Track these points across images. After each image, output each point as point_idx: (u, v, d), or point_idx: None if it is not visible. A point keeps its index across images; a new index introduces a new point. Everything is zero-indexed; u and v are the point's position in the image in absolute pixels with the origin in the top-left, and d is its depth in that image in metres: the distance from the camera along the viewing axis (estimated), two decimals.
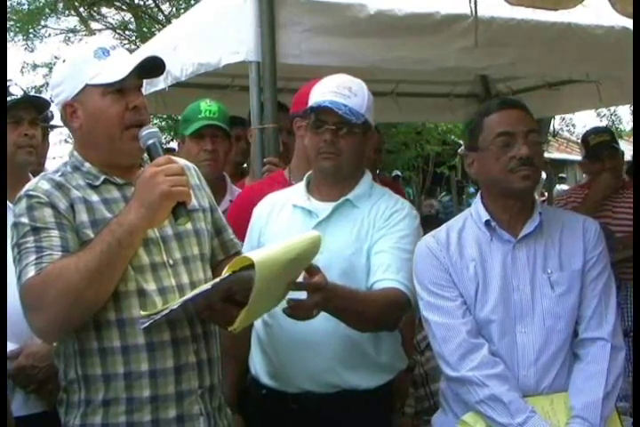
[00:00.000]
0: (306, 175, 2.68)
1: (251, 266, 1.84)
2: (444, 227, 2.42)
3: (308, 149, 2.59)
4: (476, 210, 2.38)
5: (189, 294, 1.93)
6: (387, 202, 2.56)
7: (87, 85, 2.06)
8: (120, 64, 2.05)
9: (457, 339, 2.25)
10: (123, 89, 2.06)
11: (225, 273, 1.89)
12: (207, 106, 3.48)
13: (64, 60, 2.15)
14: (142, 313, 1.97)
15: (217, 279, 1.89)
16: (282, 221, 2.58)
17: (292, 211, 2.59)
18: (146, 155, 2.10)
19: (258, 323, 2.55)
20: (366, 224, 2.51)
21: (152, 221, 1.97)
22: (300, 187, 2.66)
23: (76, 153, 2.15)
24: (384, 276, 2.40)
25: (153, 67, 2.14)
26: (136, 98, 2.08)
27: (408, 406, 3.55)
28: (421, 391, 3.62)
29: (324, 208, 2.54)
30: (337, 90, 2.49)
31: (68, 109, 2.11)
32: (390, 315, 2.39)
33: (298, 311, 2.06)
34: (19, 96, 2.76)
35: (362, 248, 2.48)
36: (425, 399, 3.61)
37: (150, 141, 2.03)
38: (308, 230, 2.46)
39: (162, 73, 2.20)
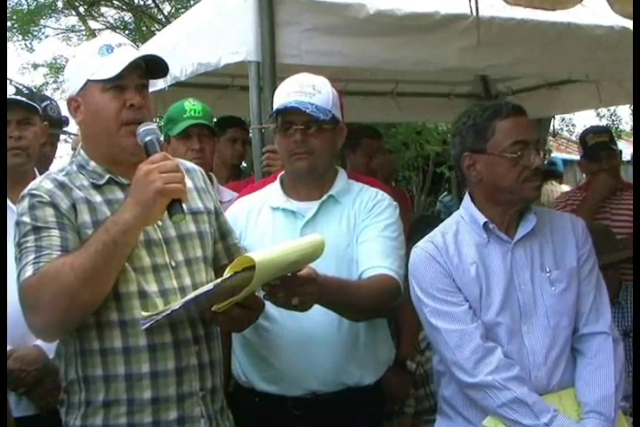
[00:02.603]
0: (278, 176, 2.67)
1: (252, 267, 1.83)
2: (437, 231, 2.40)
3: (280, 152, 2.58)
4: (470, 214, 2.36)
5: (191, 295, 1.92)
6: (368, 194, 2.58)
7: (89, 81, 2.07)
8: (119, 61, 2.05)
9: (471, 344, 2.23)
10: (122, 86, 2.06)
11: (227, 273, 1.88)
12: (191, 105, 3.47)
13: (74, 56, 2.18)
14: (143, 314, 1.96)
15: (218, 280, 1.88)
16: (264, 224, 2.56)
17: (272, 213, 2.57)
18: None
19: (247, 329, 2.51)
20: (353, 217, 2.52)
21: (147, 218, 1.96)
22: (274, 188, 2.64)
23: (82, 151, 2.16)
24: (373, 263, 2.42)
25: (156, 67, 2.13)
26: (134, 96, 2.07)
27: (408, 406, 3.56)
28: (421, 391, 3.62)
29: (308, 207, 2.53)
30: (300, 89, 2.48)
31: (73, 104, 2.13)
32: (383, 302, 2.40)
33: (275, 296, 2.03)
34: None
35: (352, 241, 2.49)
36: (425, 399, 3.62)
37: (148, 138, 2.02)
38: (296, 231, 2.47)
39: (166, 74, 2.19)
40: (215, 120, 4.59)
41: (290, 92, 2.49)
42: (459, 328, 2.25)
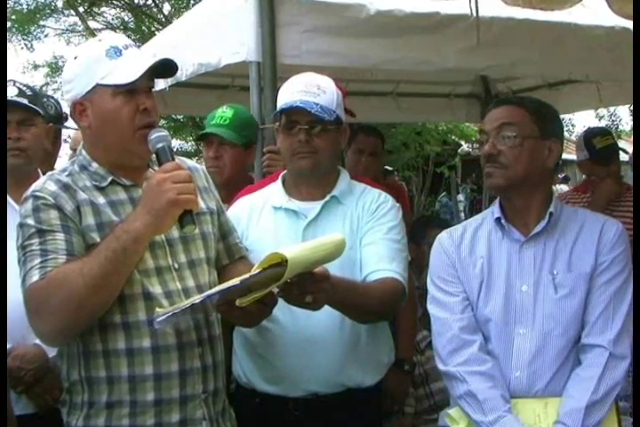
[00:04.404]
0: (280, 175, 2.67)
1: (279, 263, 1.82)
2: (462, 224, 2.46)
3: (283, 151, 2.57)
4: (494, 208, 2.38)
5: (214, 289, 1.90)
6: (371, 196, 2.57)
7: (98, 85, 2.04)
8: (132, 65, 2.02)
9: (448, 334, 2.29)
10: (133, 90, 2.04)
11: (255, 270, 1.86)
12: (222, 112, 3.42)
13: (75, 57, 2.11)
14: (158, 310, 1.94)
15: (246, 275, 1.85)
16: (266, 224, 2.55)
17: (274, 213, 2.56)
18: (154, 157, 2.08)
19: (248, 329, 2.49)
20: (356, 218, 2.51)
21: (158, 228, 1.95)
22: (276, 188, 2.63)
23: (84, 152, 2.14)
24: (378, 266, 2.41)
25: (165, 67, 2.11)
26: (146, 99, 2.05)
27: (408, 406, 3.56)
28: (421, 391, 3.62)
29: (310, 207, 2.53)
30: (306, 89, 2.47)
31: (78, 108, 2.09)
32: (389, 305, 2.41)
33: (290, 294, 2.01)
34: (8, 98, 2.73)
35: (356, 243, 2.48)
36: (425, 399, 3.62)
37: (159, 145, 2.01)
38: (298, 231, 2.47)
39: (174, 74, 2.16)
40: None
41: (295, 91, 2.48)
42: (444, 317, 2.31)
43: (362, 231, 2.49)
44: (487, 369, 2.23)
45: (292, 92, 2.49)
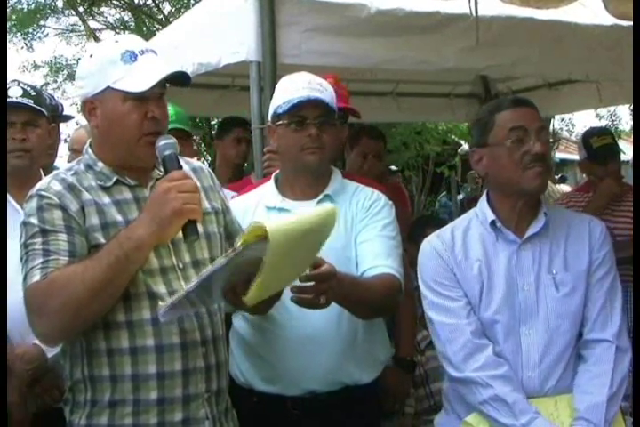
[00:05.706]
0: (273, 175, 2.66)
1: (265, 238, 1.74)
2: (448, 227, 2.43)
3: (288, 147, 2.54)
4: (482, 210, 2.37)
5: (204, 272, 1.83)
6: (364, 194, 2.58)
7: (109, 88, 2.04)
8: (145, 73, 2.02)
9: (461, 339, 2.25)
10: (144, 97, 2.04)
11: (239, 245, 1.78)
12: None
13: (91, 56, 2.10)
14: (161, 304, 1.92)
15: (230, 252, 1.79)
16: None
17: (267, 213, 2.56)
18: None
19: (245, 329, 2.51)
20: (350, 217, 2.52)
21: (161, 236, 1.96)
22: (268, 187, 2.63)
23: (90, 151, 2.15)
24: (375, 263, 2.42)
25: (178, 76, 2.10)
26: (156, 107, 2.06)
27: (408, 406, 3.56)
28: (421, 391, 3.62)
29: (304, 206, 2.52)
30: (310, 85, 2.48)
31: (88, 106, 2.10)
32: (389, 300, 2.41)
33: (304, 297, 2.00)
34: (14, 99, 2.72)
35: (350, 240, 2.48)
36: (425, 399, 3.62)
37: (167, 152, 2.02)
38: None
39: (187, 84, 2.15)
40: (220, 120, 4.59)
41: (299, 87, 2.48)
42: (451, 322, 2.28)
43: (356, 229, 2.49)
44: (505, 372, 2.23)
45: (297, 88, 2.48)
